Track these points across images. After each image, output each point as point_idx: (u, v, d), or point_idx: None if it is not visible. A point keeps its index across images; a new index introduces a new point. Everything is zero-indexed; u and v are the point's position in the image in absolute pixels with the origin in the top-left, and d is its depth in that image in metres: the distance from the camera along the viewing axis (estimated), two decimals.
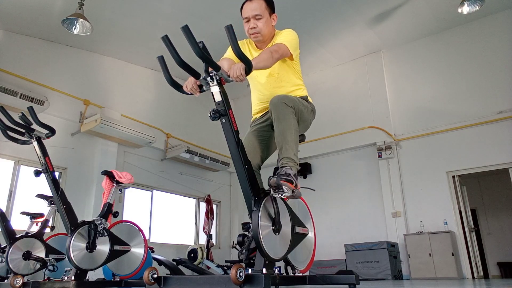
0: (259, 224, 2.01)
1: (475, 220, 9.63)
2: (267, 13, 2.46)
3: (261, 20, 2.42)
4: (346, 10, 6.95)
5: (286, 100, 2.26)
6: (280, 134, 2.23)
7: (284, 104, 2.23)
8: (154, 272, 2.21)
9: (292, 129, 2.24)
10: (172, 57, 1.88)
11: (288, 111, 2.24)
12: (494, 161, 6.84)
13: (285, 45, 2.34)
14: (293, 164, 2.18)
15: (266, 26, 2.44)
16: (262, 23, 2.43)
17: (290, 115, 2.24)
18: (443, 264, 6.45)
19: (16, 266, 3.47)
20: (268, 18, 2.47)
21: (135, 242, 3.71)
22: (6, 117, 3.34)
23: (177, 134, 8.50)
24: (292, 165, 2.17)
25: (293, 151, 2.22)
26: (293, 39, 2.42)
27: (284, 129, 2.22)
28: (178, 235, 8.35)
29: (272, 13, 2.51)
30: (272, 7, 2.51)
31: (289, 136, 2.22)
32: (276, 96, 2.30)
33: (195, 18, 6.62)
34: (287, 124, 2.23)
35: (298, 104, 2.34)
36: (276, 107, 2.24)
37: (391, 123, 7.97)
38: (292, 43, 2.40)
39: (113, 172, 3.75)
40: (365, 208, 7.86)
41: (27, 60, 6.43)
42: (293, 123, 2.25)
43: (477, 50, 7.42)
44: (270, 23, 2.49)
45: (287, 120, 2.23)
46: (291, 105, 2.26)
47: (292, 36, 2.43)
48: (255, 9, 2.40)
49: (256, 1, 2.43)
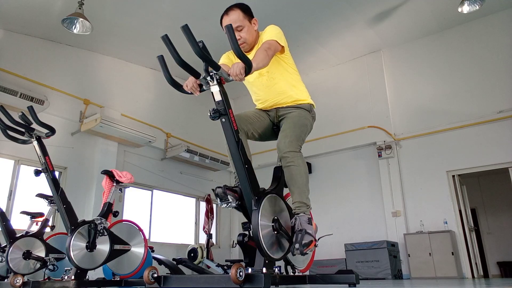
0: (259, 223, 2.01)
1: (475, 219, 9.63)
2: (247, 21, 2.47)
3: (243, 29, 2.45)
4: (346, 9, 6.95)
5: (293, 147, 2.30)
6: (291, 179, 2.29)
7: (291, 153, 2.29)
8: (154, 272, 2.21)
9: (302, 173, 2.30)
10: (172, 57, 1.88)
11: (296, 158, 2.29)
12: (494, 161, 6.84)
13: (274, 40, 2.35)
14: (305, 208, 2.25)
15: (249, 34, 2.47)
16: (245, 33, 2.46)
17: (299, 161, 2.30)
18: (443, 263, 6.45)
19: (16, 266, 3.47)
20: (249, 25, 2.48)
21: (135, 241, 3.70)
22: (6, 116, 3.34)
23: (177, 134, 8.50)
24: (305, 209, 2.24)
25: (305, 195, 2.28)
26: (278, 33, 2.43)
27: (294, 175, 2.28)
28: (178, 235, 8.35)
29: (251, 18, 2.51)
30: (249, 13, 2.52)
31: (300, 181, 2.28)
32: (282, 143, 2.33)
33: (195, 18, 6.61)
34: (297, 170, 2.28)
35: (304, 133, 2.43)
36: (285, 158, 2.30)
37: (391, 122, 7.97)
38: (279, 36, 2.41)
39: (113, 172, 3.75)
40: (365, 207, 7.86)
41: (27, 59, 6.43)
42: (303, 167, 2.31)
43: (477, 50, 7.41)
44: (252, 29, 2.51)
45: (297, 166, 2.28)
46: (298, 148, 2.33)
47: (277, 30, 2.44)
48: (234, 21, 2.41)
49: (233, 12, 2.45)
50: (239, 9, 2.46)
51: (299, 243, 2.08)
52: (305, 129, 2.47)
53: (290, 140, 2.34)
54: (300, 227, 2.14)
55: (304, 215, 2.20)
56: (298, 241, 2.09)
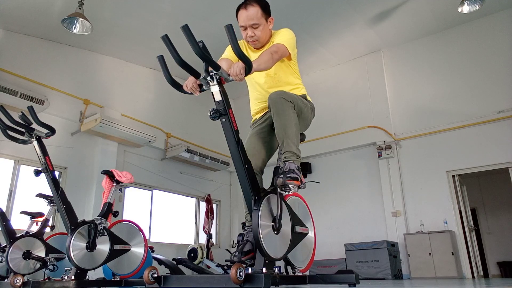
0: (259, 223, 2.01)
1: (475, 219, 9.63)
2: (264, 19, 2.41)
3: (259, 28, 2.39)
4: (346, 9, 6.95)
5: (285, 96, 2.26)
6: (281, 129, 2.25)
7: (283, 99, 2.24)
8: (154, 272, 2.21)
9: (292, 123, 2.25)
10: (172, 57, 1.88)
11: (287, 106, 2.25)
12: (494, 161, 6.84)
13: (283, 45, 2.33)
14: (295, 158, 2.22)
15: (263, 33, 2.42)
16: (259, 31, 2.40)
17: (290, 110, 2.25)
18: (443, 263, 6.45)
19: (16, 266, 3.47)
20: (265, 24, 2.42)
21: (135, 241, 3.71)
22: (6, 116, 3.34)
23: (177, 134, 8.50)
24: (294, 159, 2.21)
25: (295, 145, 2.25)
26: (291, 39, 2.41)
27: (284, 124, 2.24)
28: (178, 235, 8.35)
29: (268, 17, 2.45)
30: (268, 11, 2.45)
31: (289, 130, 2.24)
32: (274, 92, 2.30)
33: (195, 18, 6.61)
34: (287, 119, 2.24)
35: (297, 100, 2.35)
36: (275, 103, 2.25)
37: (391, 122, 7.97)
38: (290, 43, 2.39)
39: (113, 172, 3.75)
40: (365, 207, 7.86)
41: (27, 59, 6.43)
42: (293, 117, 2.26)
43: (477, 50, 7.41)
44: (267, 28, 2.46)
45: (287, 115, 2.24)
46: (290, 100, 2.27)
47: (290, 36, 2.41)
48: (251, 18, 2.35)
49: (252, 8, 2.36)
50: (258, 5, 2.38)
51: (284, 175, 2.11)
52: (299, 100, 2.39)
53: (282, 91, 2.31)
54: (289, 168, 2.16)
55: (293, 163, 2.20)
56: (284, 173, 2.12)
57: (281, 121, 2.24)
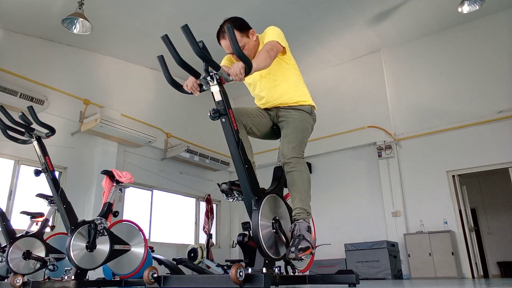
0: (259, 223, 2.01)
1: (475, 219, 9.63)
2: (245, 37, 2.43)
3: (244, 48, 2.42)
4: (346, 9, 6.95)
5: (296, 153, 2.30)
6: (293, 185, 2.28)
7: (294, 159, 2.29)
8: (154, 272, 2.21)
9: (305, 180, 2.29)
10: (172, 57, 1.89)
11: (299, 163, 2.29)
12: (494, 161, 6.83)
13: (275, 41, 2.33)
14: (305, 215, 2.23)
15: (250, 50, 2.45)
16: (247, 50, 2.43)
17: (302, 167, 2.30)
18: (443, 263, 6.45)
19: (16, 266, 3.47)
20: (248, 40, 2.44)
21: (135, 241, 3.70)
22: (6, 116, 3.34)
23: (177, 134, 8.50)
24: (304, 217, 2.21)
25: (306, 202, 2.27)
26: (279, 34, 2.41)
27: (297, 181, 2.27)
28: (178, 235, 8.35)
29: (248, 31, 2.46)
30: (245, 28, 2.46)
31: (302, 187, 2.27)
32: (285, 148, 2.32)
33: (195, 18, 6.61)
34: (299, 176, 2.28)
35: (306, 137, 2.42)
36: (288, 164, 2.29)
37: (391, 122, 7.97)
38: (280, 37, 2.39)
39: (113, 172, 3.75)
40: (365, 207, 7.86)
41: (27, 59, 6.43)
42: (305, 173, 2.30)
43: (477, 50, 7.41)
44: (252, 41, 2.47)
45: (299, 172, 2.28)
46: (301, 155, 2.32)
47: (277, 32, 2.42)
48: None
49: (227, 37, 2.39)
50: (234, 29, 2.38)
51: (295, 247, 2.05)
52: (307, 134, 2.47)
53: (293, 146, 2.34)
54: (299, 232, 2.12)
55: (304, 222, 2.18)
56: (295, 245, 2.06)
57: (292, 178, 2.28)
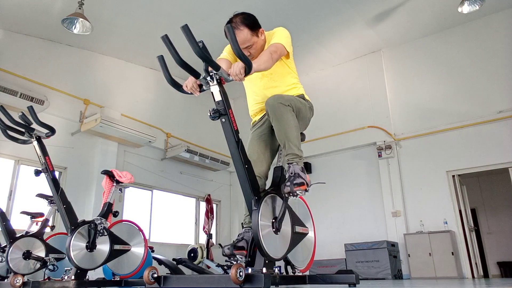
0: (259, 223, 2.01)
1: (475, 219, 9.63)
2: (255, 36, 2.43)
3: (253, 47, 2.43)
4: (346, 9, 6.95)
5: (282, 100, 2.27)
6: (281, 133, 2.26)
7: (280, 104, 2.24)
8: (154, 272, 2.21)
9: (292, 126, 2.26)
10: (172, 57, 1.88)
11: (285, 110, 2.25)
12: (494, 161, 6.83)
13: (281, 45, 2.34)
14: (298, 159, 2.25)
15: (257, 49, 2.45)
16: (254, 49, 2.44)
17: (288, 114, 2.26)
18: (443, 263, 6.45)
19: (16, 266, 3.47)
20: (256, 40, 2.44)
21: (135, 241, 3.71)
22: (6, 116, 3.34)
23: (177, 134, 8.50)
24: (297, 160, 2.24)
25: (297, 147, 2.27)
26: (287, 37, 2.42)
27: (284, 128, 2.25)
28: (178, 235, 8.35)
29: (258, 31, 2.45)
30: (256, 27, 2.44)
31: (290, 133, 2.25)
32: (271, 97, 2.30)
33: (195, 18, 6.61)
34: (286, 123, 2.24)
35: (294, 102, 2.35)
36: (273, 108, 2.25)
37: (391, 122, 7.97)
38: (287, 41, 2.40)
39: (113, 172, 3.75)
40: (365, 207, 7.86)
41: (27, 59, 6.43)
42: (292, 120, 2.27)
43: (477, 50, 7.41)
44: (260, 40, 2.47)
45: (286, 119, 2.24)
46: (287, 103, 2.27)
47: (286, 34, 2.43)
48: (243, 42, 2.36)
49: (240, 33, 2.35)
50: (246, 28, 2.38)
51: (291, 182, 2.14)
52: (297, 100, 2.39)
53: (279, 96, 2.31)
54: (294, 172, 2.19)
55: (297, 165, 2.23)
56: (290, 181, 2.15)
57: (280, 126, 2.25)
